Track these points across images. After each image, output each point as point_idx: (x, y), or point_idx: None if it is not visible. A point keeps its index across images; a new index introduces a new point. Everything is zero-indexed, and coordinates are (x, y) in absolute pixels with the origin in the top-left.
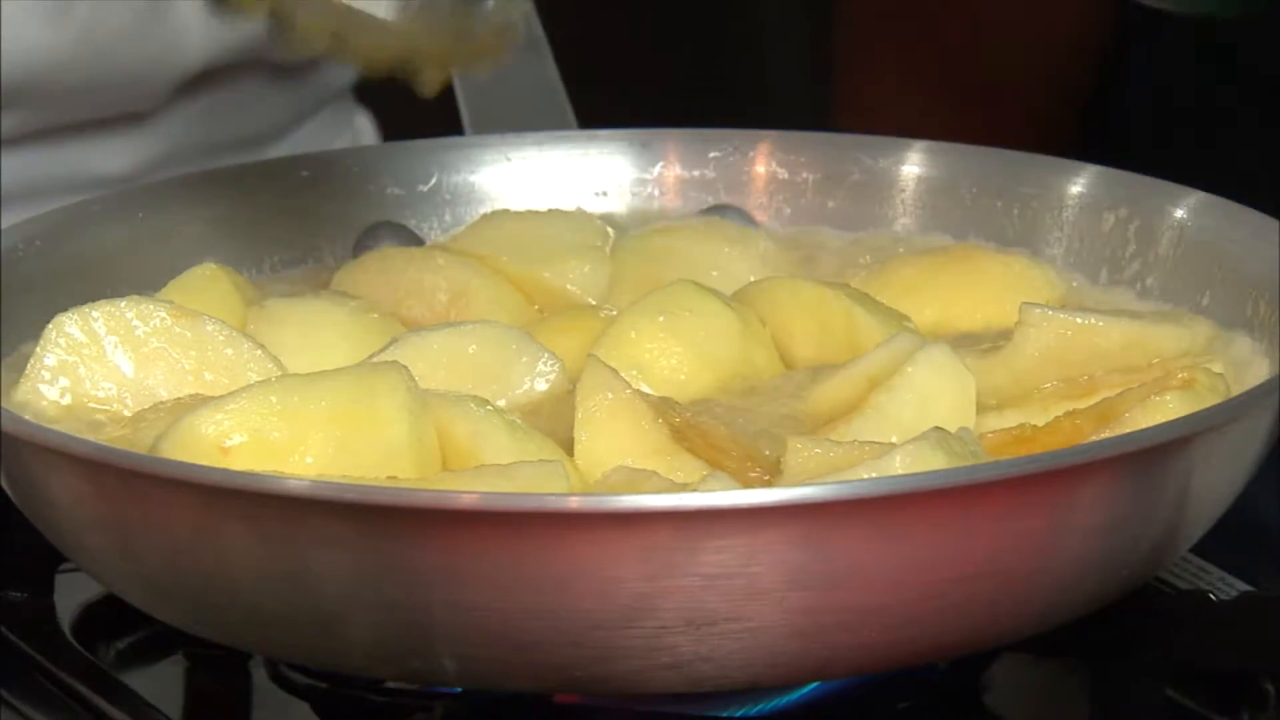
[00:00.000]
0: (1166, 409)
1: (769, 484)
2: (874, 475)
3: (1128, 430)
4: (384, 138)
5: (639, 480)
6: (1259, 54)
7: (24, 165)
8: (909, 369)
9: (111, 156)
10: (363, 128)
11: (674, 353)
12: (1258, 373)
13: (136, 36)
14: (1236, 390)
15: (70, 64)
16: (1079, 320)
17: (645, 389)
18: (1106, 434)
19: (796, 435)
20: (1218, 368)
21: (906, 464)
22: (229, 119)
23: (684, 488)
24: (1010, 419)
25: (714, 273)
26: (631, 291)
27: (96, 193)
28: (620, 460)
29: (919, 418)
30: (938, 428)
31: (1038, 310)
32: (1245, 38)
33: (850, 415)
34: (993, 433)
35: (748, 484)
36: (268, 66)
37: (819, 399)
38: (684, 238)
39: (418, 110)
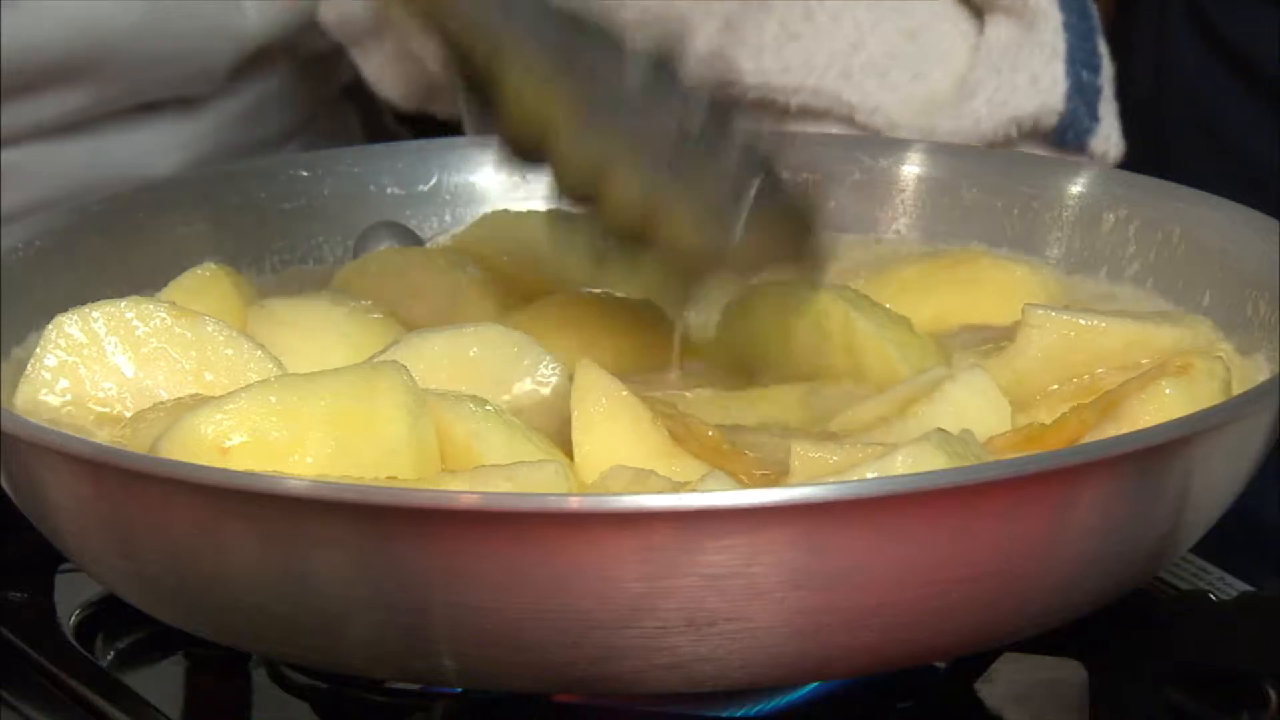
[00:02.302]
0: (1163, 396)
1: (769, 483)
2: (875, 475)
3: (1129, 421)
4: (369, 138)
5: (638, 480)
6: (1262, 54)
7: (77, 159)
8: (947, 386)
9: (160, 153)
10: (353, 128)
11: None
12: (1256, 373)
13: (199, 5)
14: (1236, 377)
15: (138, 33)
16: (1082, 321)
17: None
18: (1109, 425)
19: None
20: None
21: (907, 464)
22: (265, 114)
23: (684, 487)
24: (1017, 420)
25: None
26: (631, 293)
27: None
28: (619, 461)
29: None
30: (939, 429)
31: (1040, 311)
32: (1247, 36)
33: (882, 430)
34: (1000, 435)
35: (747, 484)
36: (300, 54)
37: (848, 421)
38: None
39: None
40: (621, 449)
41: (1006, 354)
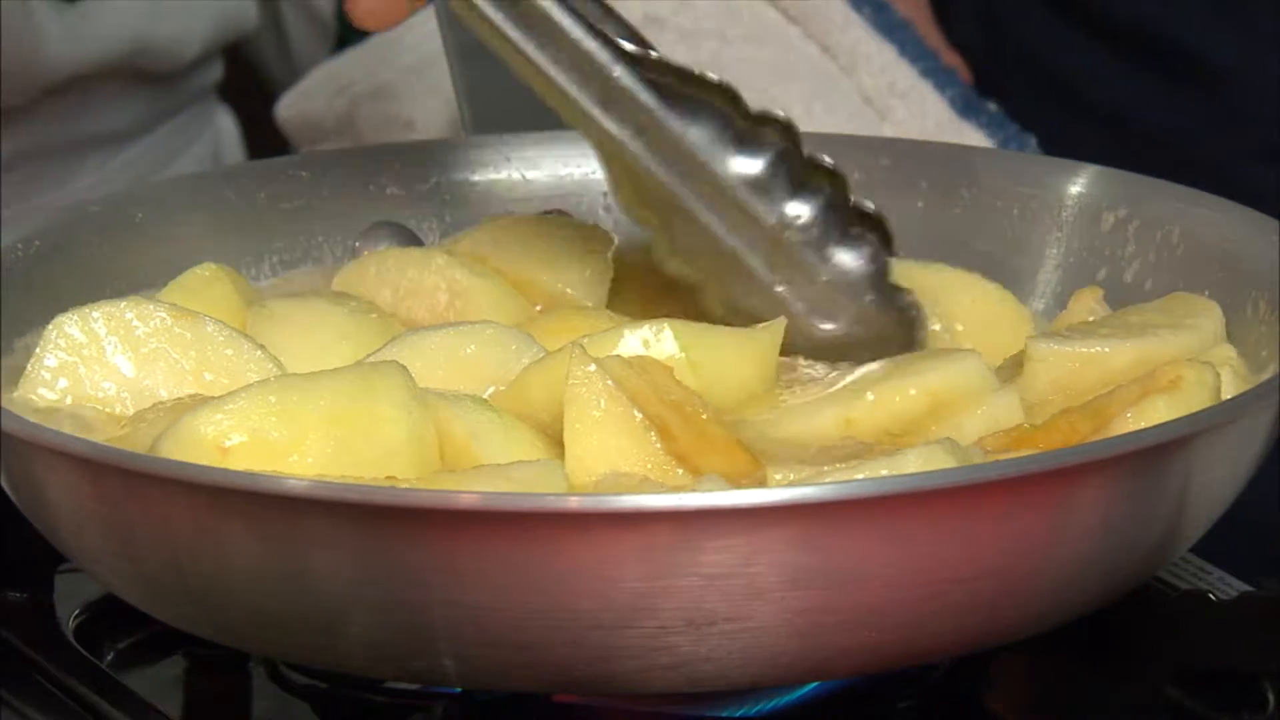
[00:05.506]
0: (1156, 414)
1: (762, 480)
2: (875, 475)
3: (1121, 429)
4: (245, 135)
5: (632, 481)
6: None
7: None
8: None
9: None
10: (224, 125)
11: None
12: (1256, 373)
13: None
14: (1230, 381)
15: None
16: (1084, 350)
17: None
18: (1101, 433)
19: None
20: (1223, 355)
21: (918, 465)
22: (95, 115)
23: (682, 487)
24: None
25: None
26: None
27: None
28: (610, 466)
29: None
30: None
31: (1043, 345)
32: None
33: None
34: (989, 435)
35: (740, 481)
36: (136, 72)
37: (875, 406)
38: None
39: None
40: (612, 456)
41: (1015, 386)
